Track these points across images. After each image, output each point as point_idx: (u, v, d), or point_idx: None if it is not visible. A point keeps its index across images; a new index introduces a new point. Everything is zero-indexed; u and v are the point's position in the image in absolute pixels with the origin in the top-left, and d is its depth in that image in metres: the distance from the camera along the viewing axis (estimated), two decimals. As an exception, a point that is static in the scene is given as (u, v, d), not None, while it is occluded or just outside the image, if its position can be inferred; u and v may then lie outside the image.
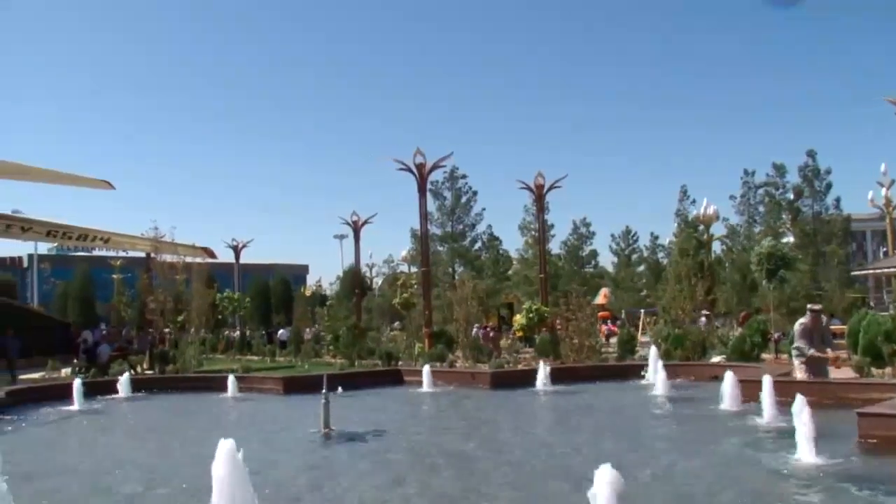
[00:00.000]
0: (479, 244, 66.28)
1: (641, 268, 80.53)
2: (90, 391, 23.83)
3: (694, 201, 69.45)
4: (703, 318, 34.08)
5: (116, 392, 25.46)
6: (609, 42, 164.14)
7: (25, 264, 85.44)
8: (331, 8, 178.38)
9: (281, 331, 49.75)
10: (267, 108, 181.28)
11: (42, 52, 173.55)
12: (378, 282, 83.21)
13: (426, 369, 26.18)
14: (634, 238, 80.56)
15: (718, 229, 45.25)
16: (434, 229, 59.57)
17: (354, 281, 56.93)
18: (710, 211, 41.47)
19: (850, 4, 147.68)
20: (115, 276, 53.30)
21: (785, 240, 47.71)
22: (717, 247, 57.78)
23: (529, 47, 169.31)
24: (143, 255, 42.71)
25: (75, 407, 22.18)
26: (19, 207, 38.75)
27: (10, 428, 18.64)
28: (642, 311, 55.45)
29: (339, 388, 22.41)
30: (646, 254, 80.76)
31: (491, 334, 36.53)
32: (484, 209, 63.67)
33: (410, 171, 36.26)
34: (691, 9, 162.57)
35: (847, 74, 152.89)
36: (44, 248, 77.19)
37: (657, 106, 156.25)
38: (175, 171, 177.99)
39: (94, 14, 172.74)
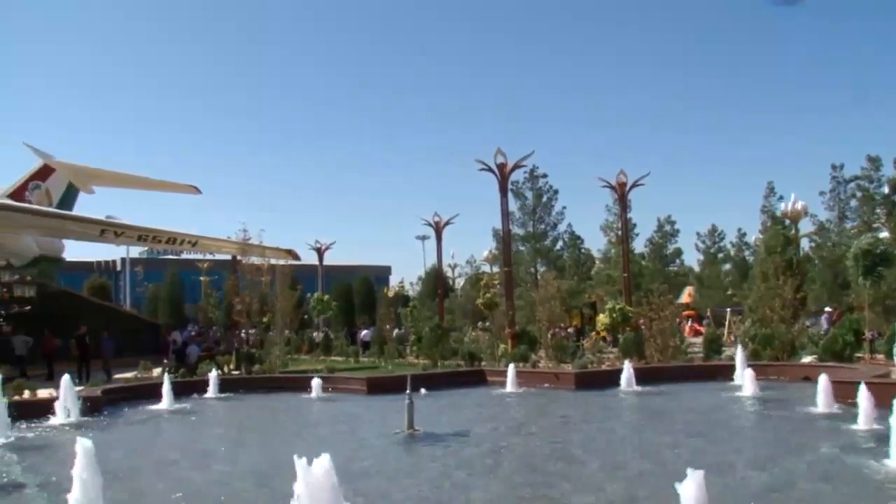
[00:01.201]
0: (560, 243, 65.84)
1: (727, 266, 78.79)
2: (180, 391, 24.34)
3: (781, 197, 67.57)
4: (825, 317, 33.06)
5: (205, 392, 26.00)
6: (691, 37, 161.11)
7: (118, 268, 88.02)
8: (408, 9, 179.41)
9: (364, 331, 50.19)
10: (350, 111, 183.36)
11: (133, 58, 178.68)
12: (460, 282, 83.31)
13: (510, 370, 26.05)
14: (720, 235, 78.90)
15: (806, 225, 43.95)
16: (516, 229, 59.25)
17: (437, 281, 57.12)
18: (798, 206, 40.38)
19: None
20: (202, 278, 54.60)
21: (882, 234, 45.96)
22: (805, 244, 56.12)
23: (610, 44, 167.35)
24: (229, 257, 43.68)
25: (165, 406, 22.71)
26: (113, 213, 39.94)
27: (105, 425, 19.15)
28: (728, 309, 54.26)
29: (423, 389, 22.47)
30: (732, 251, 79.00)
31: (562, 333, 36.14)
32: (565, 208, 63.13)
33: (492, 171, 36.17)
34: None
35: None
36: (135, 251, 79.58)
37: (743, 100, 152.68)
38: (260, 175, 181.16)
39: (191, 24, 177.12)
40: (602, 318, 40.32)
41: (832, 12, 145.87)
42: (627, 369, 24.56)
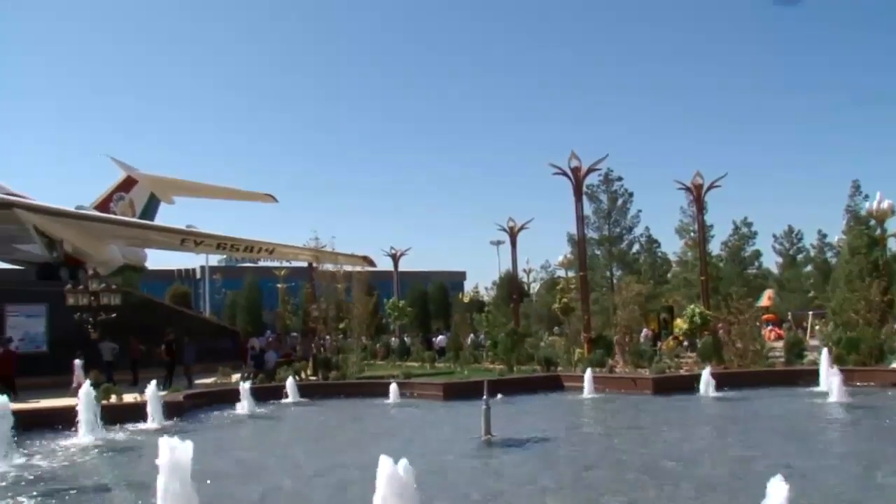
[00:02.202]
0: (636, 247, 65.04)
1: (808, 268, 76.90)
2: (258, 396, 24.76)
3: (866, 196, 65.59)
4: None
5: (283, 397, 26.36)
6: (768, 34, 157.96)
7: (198, 276, 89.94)
8: (477, 9, 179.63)
9: (439, 337, 50.31)
10: (421, 117, 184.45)
11: (208, 70, 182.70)
12: (535, 287, 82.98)
13: (587, 375, 25.86)
14: (799, 237, 77.06)
15: (894, 225, 42.53)
16: (591, 233, 58.74)
17: (512, 286, 57.01)
18: (885, 206, 39.14)
19: None
20: (279, 285, 55.29)
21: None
22: (893, 244, 54.32)
23: (684, 44, 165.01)
24: (305, 264, 44.25)
25: (245, 411, 23.14)
26: (192, 223, 40.89)
27: (188, 430, 19.51)
28: (810, 313, 52.94)
29: (499, 395, 22.46)
30: (812, 253, 77.08)
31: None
32: (640, 211, 62.37)
33: (566, 174, 35.97)
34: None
35: None
36: (214, 259, 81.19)
37: (824, 95, 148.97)
38: (336, 182, 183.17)
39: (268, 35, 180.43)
40: (680, 323, 39.73)
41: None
42: (707, 374, 24.16)
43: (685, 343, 39.25)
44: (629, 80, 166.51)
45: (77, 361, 27.60)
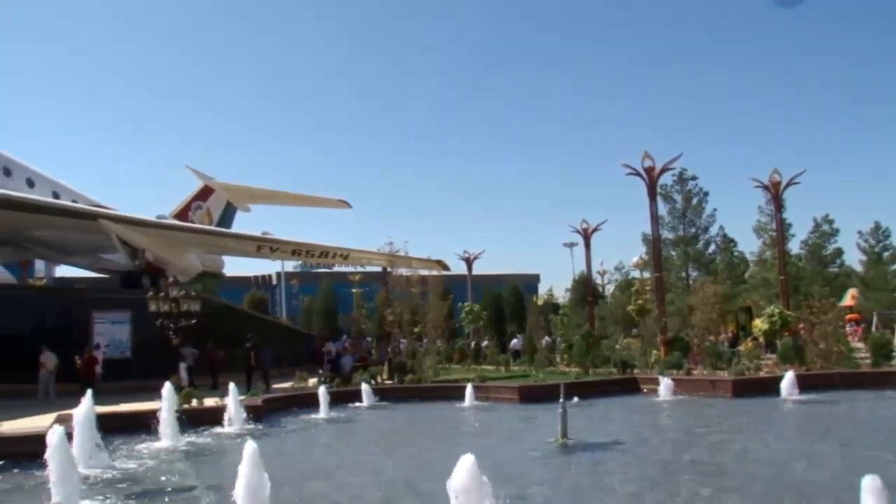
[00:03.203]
0: (712, 247, 63.89)
1: (895, 266, 74.36)
2: (335, 400, 25.01)
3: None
4: None
5: (359, 401, 26.56)
6: (846, 24, 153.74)
7: (274, 281, 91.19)
8: (552, 8, 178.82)
9: (514, 340, 50.17)
10: (495, 118, 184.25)
11: (277, 79, 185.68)
12: (610, 289, 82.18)
13: (664, 378, 25.51)
14: (885, 234, 74.54)
15: None
16: (665, 233, 57.97)
17: (586, 288, 56.56)
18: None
19: None
20: (354, 290, 55.91)
21: None
22: None
23: (760, 38, 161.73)
24: (380, 269, 44.56)
25: (322, 415, 23.36)
26: (268, 229, 41.53)
27: (267, 433, 19.80)
28: (897, 312, 51.30)
29: (575, 398, 22.28)
30: (901, 250, 74.43)
31: None
32: (715, 210, 61.29)
33: (639, 175, 35.59)
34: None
35: None
36: (290, 265, 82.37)
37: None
38: (409, 186, 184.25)
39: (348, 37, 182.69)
40: (759, 324, 38.92)
41: None
42: (790, 376, 23.60)
43: (764, 344, 38.44)
44: (703, 76, 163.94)
45: (182, 364, 28.82)
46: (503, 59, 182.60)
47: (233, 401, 20.69)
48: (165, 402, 18.39)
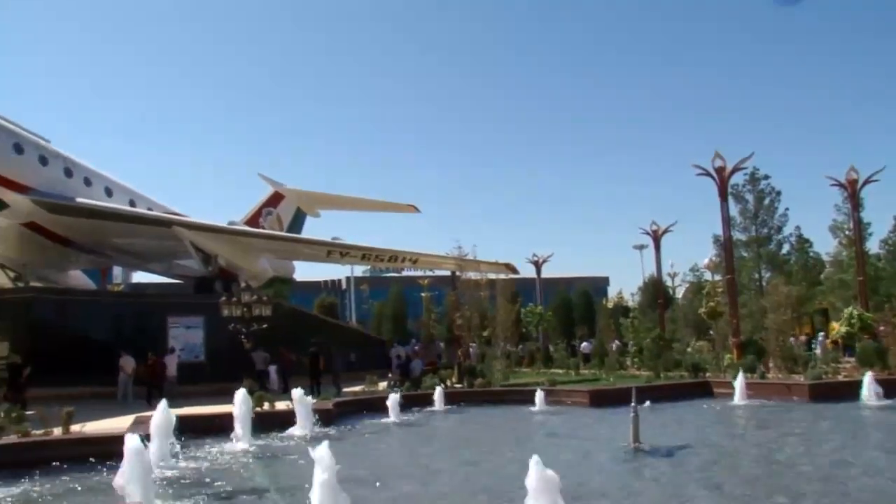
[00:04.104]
0: (786, 247, 62.55)
1: None
2: (405, 404, 25.04)
3: None
4: None
5: (429, 405, 26.62)
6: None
7: (344, 286, 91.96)
8: (622, 9, 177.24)
9: (584, 343, 49.83)
10: (561, 121, 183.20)
11: (352, 89, 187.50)
12: (681, 291, 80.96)
13: (739, 381, 25.05)
14: (972, 231, 71.90)
15: None
16: (737, 234, 57.03)
17: (656, 291, 55.85)
18: None
19: None
20: (423, 294, 56.03)
21: None
22: None
23: (831, 31, 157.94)
24: (449, 273, 44.61)
25: (393, 418, 23.44)
26: (338, 234, 41.92)
27: (338, 436, 19.90)
28: None
29: (647, 402, 21.98)
30: None
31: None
32: (788, 209, 60.01)
33: (710, 175, 35.03)
34: None
35: None
36: (359, 270, 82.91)
37: None
38: (477, 189, 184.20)
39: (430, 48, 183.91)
40: (836, 326, 37.96)
41: None
42: (870, 380, 22.94)
43: (842, 347, 37.49)
44: (774, 73, 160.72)
45: (272, 367, 29.73)
46: (572, 59, 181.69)
47: (303, 405, 20.88)
48: (238, 406, 18.67)
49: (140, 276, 54.17)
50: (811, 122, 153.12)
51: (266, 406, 22.38)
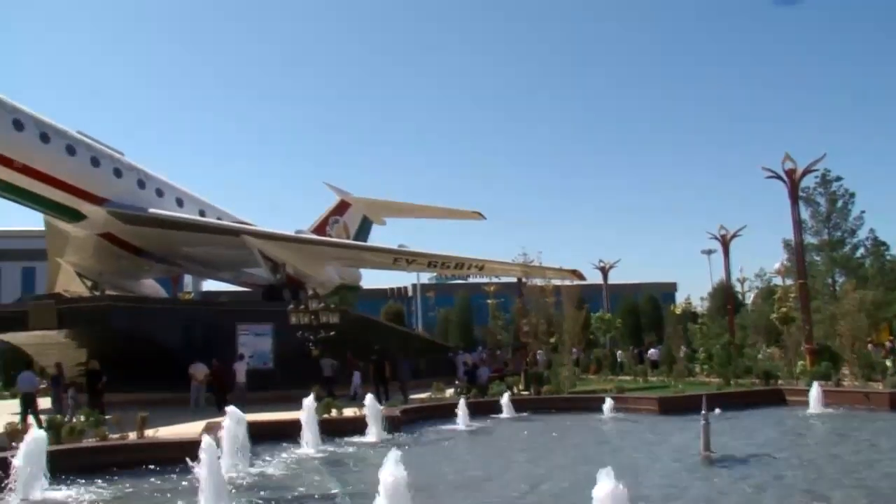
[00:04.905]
0: (861, 251, 60.89)
1: None
2: (472, 411, 24.95)
3: None
4: None
5: (495, 412, 26.50)
6: None
7: (410, 293, 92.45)
8: (684, 14, 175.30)
9: (652, 350, 49.27)
10: (627, 125, 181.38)
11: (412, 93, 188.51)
12: (750, 296, 79.47)
13: (814, 389, 24.46)
14: None
15: None
16: (809, 238, 55.76)
17: (726, 296, 54.95)
18: None
19: None
20: (489, 301, 55.96)
21: None
22: None
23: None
24: (514, 279, 44.47)
25: (461, 425, 23.42)
26: (404, 242, 42.09)
27: (406, 443, 19.99)
28: None
29: (717, 409, 21.63)
30: None
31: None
32: (863, 212, 58.41)
33: (780, 178, 34.35)
34: None
35: None
36: (425, 277, 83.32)
37: None
38: (543, 196, 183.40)
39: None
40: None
41: None
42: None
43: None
44: (845, 72, 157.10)
45: (356, 373, 30.34)
46: (637, 69, 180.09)
47: (371, 411, 21.00)
48: (307, 412, 18.87)
49: (210, 285, 55.07)
50: (887, 122, 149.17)
51: (334, 412, 22.58)
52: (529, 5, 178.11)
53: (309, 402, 19.23)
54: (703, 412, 15.59)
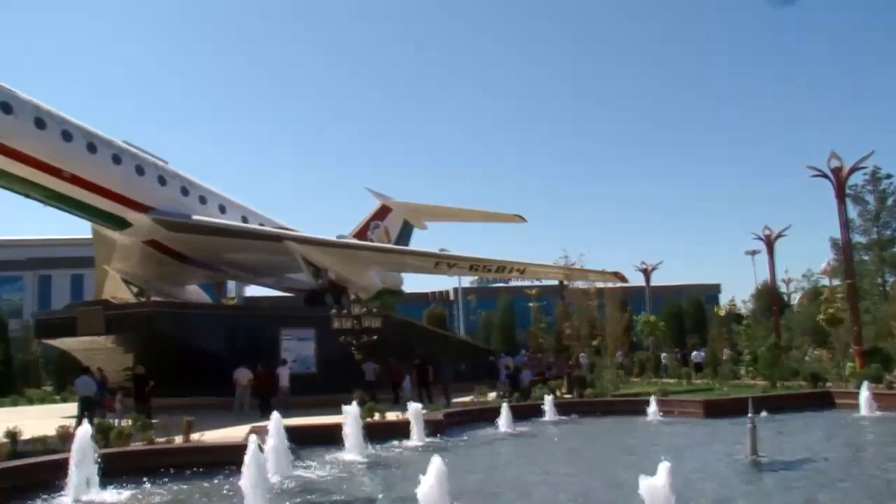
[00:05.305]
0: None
1: None
2: (515, 414, 24.76)
3: None
4: None
5: (538, 415, 26.37)
6: None
7: (451, 297, 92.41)
8: (727, 9, 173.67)
9: (695, 352, 48.82)
10: (668, 125, 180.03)
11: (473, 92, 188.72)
12: (796, 297, 78.31)
13: (864, 391, 24.00)
14: None
15: None
16: (857, 237, 54.94)
17: (771, 297, 54.23)
18: None
19: None
20: (531, 304, 55.81)
21: None
22: None
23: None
24: (556, 282, 44.31)
25: (504, 429, 23.29)
26: (445, 246, 42.13)
27: (449, 446, 19.95)
28: None
29: (763, 412, 21.33)
30: None
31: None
32: (916, 211, 57.40)
33: (826, 176, 33.81)
34: None
35: None
36: (467, 281, 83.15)
37: None
38: (582, 198, 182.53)
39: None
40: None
41: None
42: None
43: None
44: (893, 69, 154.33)
45: (406, 377, 30.80)
46: (677, 68, 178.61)
47: (414, 415, 21.02)
48: (350, 416, 18.92)
49: (253, 290, 55.60)
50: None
51: (377, 416, 22.62)
52: (576, 6, 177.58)
53: (352, 406, 19.30)
54: (749, 415, 15.37)
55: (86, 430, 13.98)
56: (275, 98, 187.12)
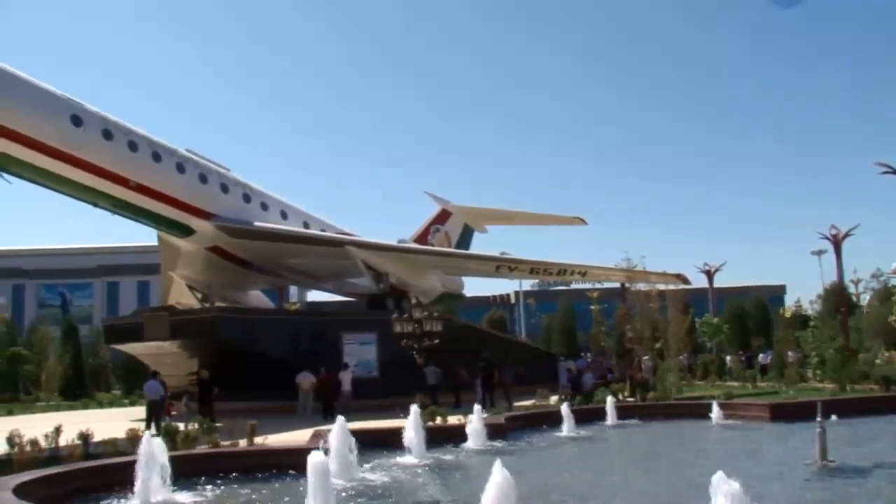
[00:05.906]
0: None
1: None
2: (578, 418, 24.53)
3: None
4: None
5: (600, 419, 26.10)
6: None
7: (512, 300, 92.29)
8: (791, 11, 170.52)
9: (761, 355, 47.99)
10: (732, 123, 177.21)
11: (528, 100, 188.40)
12: (866, 298, 76.45)
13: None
14: None
15: None
16: (930, 236, 53.65)
17: (839, 298, 53.06)
18: None
19: None
20: (592, 307, 55.42)
21: None
22: None
23: None
24: (617, 285, 43.94)
25: (565, 433, 23.12)
26: (505, 249, 42.06)
27: (512, 451, 19.81)
28: None
29: (833, 416, 20.86)
30: None
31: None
32: None
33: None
34: None
35: None
36: (527, 284, 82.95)
37: None
38: (644, 200, 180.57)
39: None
40: None
41: None
42: None
43: None
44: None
45: (479, 381, 30.68)
46: (738, 68, 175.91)
47: (477, 419, 20.99)
48: (412, 420, 18.97)
49: (315, 295, 56.15)
50: None
51: (438, 420, 22.64)
52: (643, 8, 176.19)
53: (414, 409, 19.34)
54: (818, 419, 15.02)
55: (154, 433, 14.25)
56: (333, 102, 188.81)
